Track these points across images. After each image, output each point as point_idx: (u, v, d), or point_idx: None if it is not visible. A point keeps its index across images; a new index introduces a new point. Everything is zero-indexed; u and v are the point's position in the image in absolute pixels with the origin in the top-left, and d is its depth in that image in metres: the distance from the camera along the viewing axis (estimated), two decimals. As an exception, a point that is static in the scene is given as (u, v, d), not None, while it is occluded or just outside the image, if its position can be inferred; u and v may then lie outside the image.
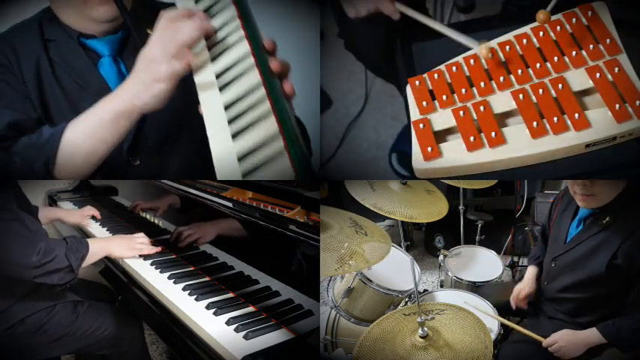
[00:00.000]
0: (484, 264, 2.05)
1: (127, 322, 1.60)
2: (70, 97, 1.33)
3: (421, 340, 1.27)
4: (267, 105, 1.02)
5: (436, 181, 2.07)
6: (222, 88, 1.09)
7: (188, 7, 1.13)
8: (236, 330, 1.17)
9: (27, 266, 1.29)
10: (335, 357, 1.69)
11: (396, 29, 1.43)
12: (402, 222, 2.44)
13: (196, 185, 1.74)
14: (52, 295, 1.51)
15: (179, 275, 1.48)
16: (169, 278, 1.46)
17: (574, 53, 1.26)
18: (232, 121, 1.04)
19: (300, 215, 1.41)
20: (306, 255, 1.23)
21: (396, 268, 1.78)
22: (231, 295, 1.37)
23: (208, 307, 1.27)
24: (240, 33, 1.13)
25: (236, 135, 1.01)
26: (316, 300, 1.22)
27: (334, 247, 1.40)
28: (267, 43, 1.12)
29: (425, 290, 1.88)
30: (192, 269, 1.54)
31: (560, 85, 1.22)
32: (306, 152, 1.00)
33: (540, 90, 1.23)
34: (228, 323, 1.20)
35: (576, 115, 1.18)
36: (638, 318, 1.33)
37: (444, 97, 1.29)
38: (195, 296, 1.33)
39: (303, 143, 1.03)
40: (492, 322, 1.54)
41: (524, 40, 1.30)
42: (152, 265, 1.54)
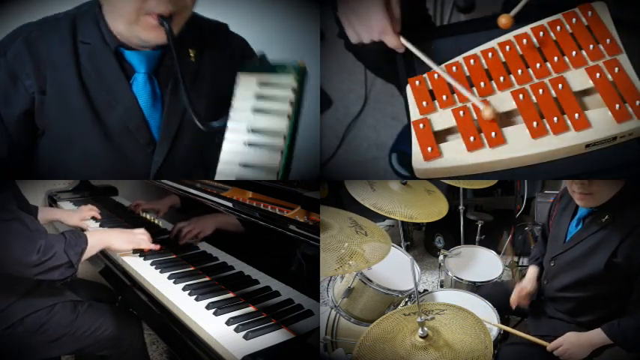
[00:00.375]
0: (484, 264, 2.05)
1: (127, 322, 1.59)
2: (98, 112, 1.28)
3: (421, 340, 1.27)
4: (277, 161, 1.17)
5: (436, 181, 2.07)
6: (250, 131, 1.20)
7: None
8: (236, 330, 1.17)
9: (27, 265, 1.29)
10: (335, 357, 1.68)
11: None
12: (402, 222, 2.44)
13: (196, 185, 1.74)
14: (52, 295, 1.51)
15: (179, 275, 1.48)
16: (169, 278, 1.46)
17: (574, 53, 1.26)
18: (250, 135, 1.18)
19: (300, 215, 1.41)
20: (306, 255, 1.23)
21: (396, 268, 1.78)
22: (231, 295, 1.37)
23: (208, 307, 1.27)
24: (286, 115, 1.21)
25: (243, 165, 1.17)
26: (316, 300, 1.22)
27: (334, 247, 1.40)
28: None
29: (425, 290, 1.88)
30: (192, 269, 1.54)
31: (560, 85, 1.22)
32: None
33: (540, 90, 1.23)
34: (228, 323, 1.20)
35: (576, 115, 1.18)
36: None
37: (444, 97, 1.29)
38: (195, 296, 1.33)
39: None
40: (492, 322, 1.54)
41: (524, 40, 1.30)
42: (152, 265, 1.54)
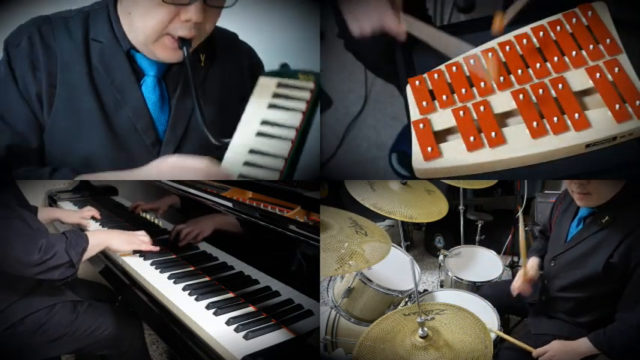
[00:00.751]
0: (484, 264, 2.05)
1: (127, 322, 1.59)
2: (106, 111, 1.28)
3: (421, 340, 1.27)
4: (287, 152, 1.19)
5: (436, 181, 2.07)
6: (262, 122, 1.23)
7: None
8: (236, 330, 1.17)
9: (28, 264, 1.29)
10: (335, 357, 1.68)
11: None
12: (402, 222, 2.44)
13: (196, 185, 1.74)
14: (52, 295, 1.51)
15: (179, 275, 1.48)
16: (169, 278, 1.46)
17: (574, 53, 1.26)
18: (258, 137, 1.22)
19: (300, 215, 1.41)
20: (306, 255, 1.23)
21: (396, 268, 1.78)
22: (231, 295, 1.37)
23: (208, 307, 1.27)
24: (287, 144, 1.23)
25: (252, 151, 1.19)
26: (316, 300, 1.22)
27: (334, 247, 1.40)
28: None
29: (425, 290, 1.88)
30: (192, 269, 1.53)
31: (560, 85, 1.22)
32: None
33: (540, 90, 1.23)
34: (228, 323, 1.20)
35: (576, 115, 1.18)
36: (628, 321, 1.31)
37: (444, 97, 1.29)
38: (195, 296, 1.33)
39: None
40: (492, 322, 1.54)
41: (524, 40, 1.30)
42: (152, 265, 1.54)
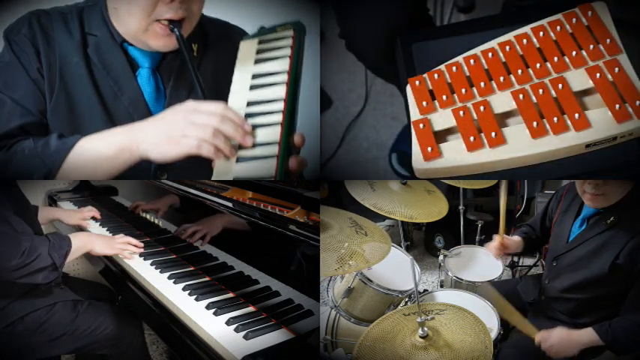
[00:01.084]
0: (484, 264, 2.05)
1: (127, 322, 1.60)
2: (105, 102, 1.29)
3: (421, 340, 1.27)
4: (275, 149, 1.13)
5: (436, 181, 2.07)
6: (247, 115, 1.19)
7: (243, 119, 1.16)
8: (236, 330, 1.17)
9: (9, 269, 1.29)
10: (335, 357, 1.68)
11: (397, 29, 1.43)
12: (402, 222, 2.44)
13: (196, 185, 1.74)
14: (52, 294, 1.51)
15: (179, 275, 1.48)
16: (169, 278, 1.46)
17: (574, 53, 1.26)
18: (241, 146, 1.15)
19: (300, 215, 1.41)
20: (306, 255, 1.23)
21: (396, 268, 1.78)
22: (231, 295, 1.37)
23: (208, 307, 1.27)
24: (282, 87, 1.21)
25: (239, 160, 1.14)
26: (316, 300, 1.22)
27: (334, 247, 1.40)
28: (297, 140, 1.15)
29: (425, 290, 1.88)
30: (192, 269, 1.54)
31: (560, 85, 1.22)
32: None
33: (540, 90, 1.23)
34: (228, 323, 1.20)
35: (576, 115, 1.18)
36: (633, 320, 1.32)
37: (444, 97, 1.29)
38: (195, 296, 1.33)
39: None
40: (492, 322, 1.54)
41: (524, 40, 1.30)
42: (152, 265, 1.54)
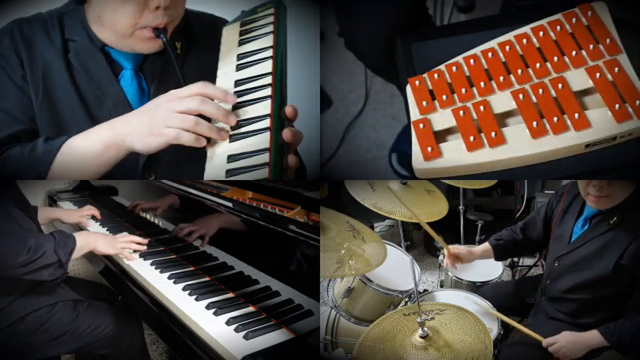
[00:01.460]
0: (484, 264, 2.05)
1: (127, 322, 1.60)
2: (88, 106, 1.29)
3: (421, 340, 1.27)
4: (267, 122, 1.11)
5: (436, 181, 2.07)
6: (235, 94, 1.17)
7: (225, 91, 1.14)
8: (236, 330, 1.17)
9: (15, 265, 1.29)
10: (335, 357, 1.68)
11: (396, 28, 1.43)
12: (402, 222, 2.44)
13: (196, 185, 1.74)
14: (53, 293, 1.51)
15: (179, 275, 1.48)
16: (169, 278, 1.46)
17: (574, 53, 1.26)
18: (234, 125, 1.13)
19: (300, 215, 1.41)
20: (306, 255, 1.23)
21: (396, 268, 1.78)
22: (231, 295, 1.37)
23: (208, 307, 1.27)
24: (269, 62, 1.21)
25: (232, 137, 1.11)
26: (316, 300, 1.22)
27: (333, 250, 1.41)
28: (288, 111, 1.13)
29: (425, 290, 1.88)
30: (192, 269, 1.54)
31: (560, 85, 1.22)
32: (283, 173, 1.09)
33: (540, 90, 1.23)
34: (228, 323, 1.20)
35: (576, 115, 1.18)
36: (638, 320, 1.32)
37: (444, 97, 1.29)
38: (195, 296, 1.33)
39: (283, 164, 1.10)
40: (492, 322, 1.54)
41: (524, 40, 1.30)
42: (152, 265, 1.54)
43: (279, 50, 1.24)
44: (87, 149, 1.13)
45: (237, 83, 1.21)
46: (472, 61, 1.31)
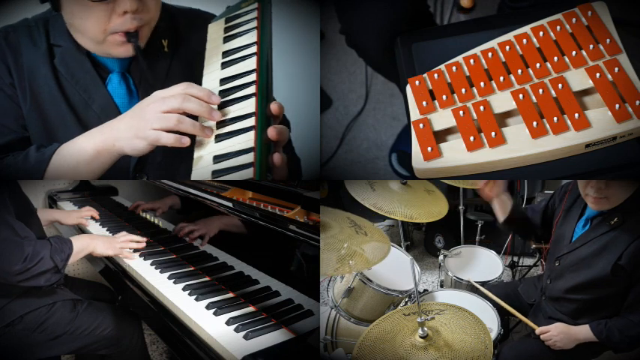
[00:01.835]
0: (484, 264, 2.05)
1: (127, 322, 1.59)
2: (76, 112, 1.30)
3: (421, 340, 1.27)
4: (252, 120, 1.09)
5: (436, 181, 2.07)
6: (221, 92, 1.16)
7: (209, 91, 1.13)
8: (236, 330, 1.17)
9: (12, 273, 1.30)
10: (335, 357, 1.68)
11: (398, 26, 1.43)
12: (402, 222, 2.44)
13: (196, 185, 1.74)
14: (52, 293, 1.51)
15: (179, 275, 1.48)
16: (169, 278, 1.46)
17: (574, 53, 1.26)
18: (220, 124, 1.12)
19: (300, 215, 1.41)
20: (306, 255, 1.23)
21: (396, 268, 1.78)
22: (231, 295, 1.37)
23: (208, 307, 1.27)
24: (253, 59, 1.20)
25: (218, 137, 1.10)
26: (316, 300, 1.22)
27: (335, 247, 1.40)
28: (273, 108, 1.11)
29: (425, 290, 1.88)
30: (192, 269, 1.54)
31: (560, 85, 1.22)
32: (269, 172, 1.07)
33: (540, 90, 1.23)
34: (228, 323, 1.20)
35: (576, 115, 1.18)
36: (631, 320, 1.33)
37: (444, 97, 1.29)
38: (195, 296, 1.33)
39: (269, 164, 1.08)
40: (492, 322, 1.54)
41: (524, 40, 1.30)
42: (152, 265, 1.54)
43: (263, 46, 1.22)
44: (79, 156, 1.14)
45: (222, 82, 1.20)
46: (472, 61, 1.31)
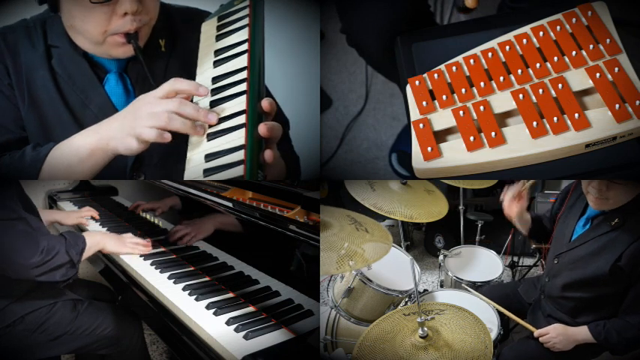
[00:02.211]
0: (484, 264, 2.05)
1: (127, 322, 1.60)
2: (73, 112, 1.30)
3: (421, 340, 1.27)
4: (243, 118, 1.08)
5: (436, 181, 2.07)
6: (213, 90, 1.16)
7: (196, 83, 1.13)
8: (236, 330, 1.17)
9: (29, 266, 1.29)
10: (335, 357, 1.68)
11: (398, 24, 1.43)
12: (402, 222, 2.44)
13: (196, 185, 1.74)
14: (53, 293, 1.51)
15: (179, 275, 1.48)
16: (169, 278, 1.46)
17: (574, 53, 1.26)
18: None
19: (300, 215, 1.41)
20: (306, 255, 1.23)
21: (396, 268, 1.78)
22: (231, 295, 1.37)
23: (208, 307, 1.27)
24: (244, 57, 1.20)
25: (210, 136, 1.09)
26: (316, 300, 1.22)
27: (335, 246, 1.40)
28: (264, 105, 1.10)
29: (425, 290, 1.88)
30: (192, 269, 1.54)
31: (560, 85, 1.22)
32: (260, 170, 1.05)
33: (540, 90, 1.23)
34: (228, 323, 1.20)
35: (576, 115, 1.18)
36: (628, 321, 1.33)
37: (444, 97, 1.29)
38: (195, 296, 1.33)
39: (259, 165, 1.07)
40: (492, 322, 1.54)
41: (524, 40, 1.30)
42: (152, 265, 1.54)
43: (255, 43, 1.22)
44: (73, 155, 1.14)
45: (214, 80, 1.20)
46: (472, 61, 1.31)
